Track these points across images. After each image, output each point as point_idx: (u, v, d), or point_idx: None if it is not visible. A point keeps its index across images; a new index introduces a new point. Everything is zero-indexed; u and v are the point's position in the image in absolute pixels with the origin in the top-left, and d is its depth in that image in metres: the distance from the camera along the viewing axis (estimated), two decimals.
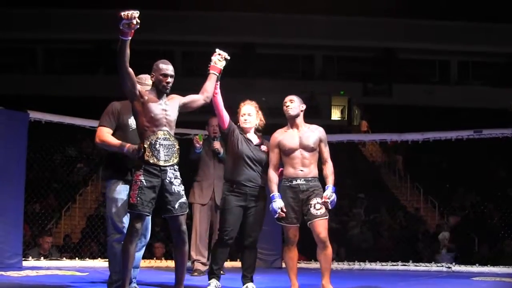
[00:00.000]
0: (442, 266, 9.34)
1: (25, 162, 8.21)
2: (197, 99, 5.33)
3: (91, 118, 8.78)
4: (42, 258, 8.83)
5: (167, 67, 5.06)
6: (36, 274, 7.16)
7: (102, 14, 21.97)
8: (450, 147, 10.50)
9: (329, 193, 5.72)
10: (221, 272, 6.48)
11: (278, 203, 5.74)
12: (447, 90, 25.98)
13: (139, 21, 4.61)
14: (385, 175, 18.88)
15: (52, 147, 11.94)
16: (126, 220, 5.37)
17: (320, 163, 5.92)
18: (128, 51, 4.77)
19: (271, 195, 5.81)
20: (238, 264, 9.26)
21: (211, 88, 5.42)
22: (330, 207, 5.77)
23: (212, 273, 6.11)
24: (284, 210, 5.72)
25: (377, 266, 9.56)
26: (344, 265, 9.51)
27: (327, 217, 5.77)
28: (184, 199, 5.04)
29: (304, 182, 5.76)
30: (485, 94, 24.86)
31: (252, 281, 6.15)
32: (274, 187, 5.83)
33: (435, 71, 27.70)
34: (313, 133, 5.88)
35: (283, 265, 9.16)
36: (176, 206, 4.97)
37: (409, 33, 25.11)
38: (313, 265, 9.33)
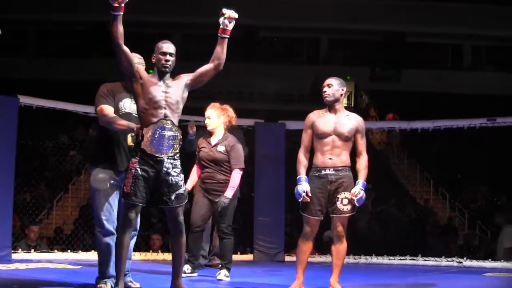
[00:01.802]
0: (453, 260, 9.32)
1: (15, 150, 8.19)
2: (207, 69, 5.16)
3: (84, 104, 8.75)
4: (32, 250, 8.83)
5: (167, 46, 5.02)
6: (26, 267, 7.16)
7: None
8: (462, 135, 10.47)
9: (358, 189, 5.63)
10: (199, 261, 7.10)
11: (304, 186, 5.63)
12: (459, 76, 25.85)
13: None
14: (394, 164, 18.85)
15: (44, 133, 11.92)
16: (109, 212, 5.35)
17: (354, 155, 5.81)
18: (121, 27, 4.76)
19: (297, 177, 5.73)
20: (238, 257, 9.29)
21: (223, 54, 5.17)
22: (357, 205, 5.70)
23: (187, 261, 6.82)
24: (310, 194, 5.61)
25: (384, 260, 9.56)
26: (350, 259, 9.46)
27: (353, 213, 5.76)
28: (182, 190, 4.99)
29: (333, 172, 5.65)
30: (500, 80, 24.72)
31: (227, 269, 6.81)
32: (302, 169, 5.74)
33: (447, 56, 27.55)
34: (350, 122, 5.77)
35: (286, 259, 9.18)
36: (173, 197, 4.93)
37: (419, 15, 24.94)
38: (317, 259, 9.32)
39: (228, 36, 5.17)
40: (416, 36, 25.97)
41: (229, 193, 6.71)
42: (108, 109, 5.30)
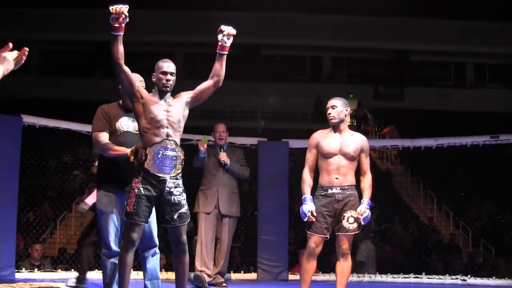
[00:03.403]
0: (457, 278, 9.30)
1: (19, 169, 8.20)
2: (207, 86, 5.16)
3: (88, 123, 8.76)
4: (36, 269, 8.83)
5: (167, 65, 5.04)
6: (30, 287, 7.16)
7: (99, 15, 21.97)
8: (465, 153, 10.47)
9: (363, 208, 5.68)
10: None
11: (309, 206, 5.66)
12: (462, 94, 25.91)
13: (127, 14, 4.64)
14: (397, 183, 18.83)
15: (47, 153, 11.94)
16: (115, 234, 5.37)
17: (358, 174, 5.85)
18: (121, 48, 4.78)
19: (302, 197, 5.76)
20: (242, 276, 9.29)
21: (222, 71, 5.16)
22: (362, 223, 5.74)
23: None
24: (315, 214, 5.64)
25: (388, 278, 9.52)
26: (354, 277, 9.43)
27: (358, 231, 5.79)
28: (184, 209, 5.00)
29: (340, 191, 5.70)
30: (503, 98, 24.78)
31: None
32: (306, 189, 5.77)
33: (450, 74, 27.63)
34: (355, 141, 5.82)
35: (290, 277, 9.17)
36: (175, 217, 4.95)
37: (422, 33, 25.02)
38: (321, 277, 9.31)
39: (227, 53, 5.17)
40: (419, 54, 26.08)
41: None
42: (102, 136, 5.30)
